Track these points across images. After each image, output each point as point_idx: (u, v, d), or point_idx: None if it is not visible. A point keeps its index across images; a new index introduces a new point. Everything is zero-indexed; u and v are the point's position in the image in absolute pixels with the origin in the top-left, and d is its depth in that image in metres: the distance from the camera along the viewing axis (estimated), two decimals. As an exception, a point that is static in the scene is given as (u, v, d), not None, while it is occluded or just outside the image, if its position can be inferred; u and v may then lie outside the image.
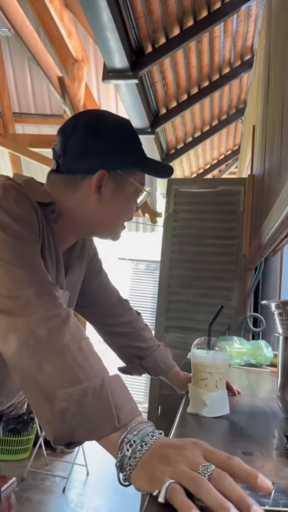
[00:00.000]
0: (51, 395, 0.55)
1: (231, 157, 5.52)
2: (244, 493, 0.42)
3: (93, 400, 0.54)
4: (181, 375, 1.16)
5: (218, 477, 0.43)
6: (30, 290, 0.64)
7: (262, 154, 2.02)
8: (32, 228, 0.74)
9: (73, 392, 0.54)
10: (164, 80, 3.31)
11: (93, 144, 0.85)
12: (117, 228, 0.94)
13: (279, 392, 0.93)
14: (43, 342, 0.59)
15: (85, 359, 0.58)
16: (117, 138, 0.87)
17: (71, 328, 0.61)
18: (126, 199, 0.90)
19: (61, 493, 2.81)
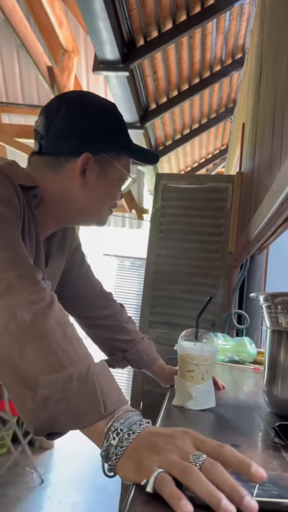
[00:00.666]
0: (33, 382, 0.51)
1: (219, 156, 5.54)
2: (236, 483, 0.40)
3: (78, 387, 0.51)
4: (165, 368, 1.14)
5: (210, 466, 0.41)
6: (11, 273, 0.60)
7: (251, 151, 2.02)
8: (14, 210, 0.71)
9: (57, 378, 0.51)
10: (155, 75, 3.29)
11: (78, 126, 0.82)
12: (102, 214, 0.91)
13: (265, 387, 0.91)
14: (25, 326, 0.55)
15: (70, 344, 0.55)
16: (104, 120, 0.84)
17: (55, 312, 0.58)
18: (111, 185, 0.87)
19: (38, 490, 2.77)
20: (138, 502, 0.40)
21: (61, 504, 2.62)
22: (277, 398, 0.87)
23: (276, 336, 0.91)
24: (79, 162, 0.81)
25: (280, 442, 0.65)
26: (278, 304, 0.89)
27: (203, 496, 0.39)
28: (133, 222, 6.09)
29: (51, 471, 3.12)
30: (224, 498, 0.38)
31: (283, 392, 0.85)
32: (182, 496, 0.39)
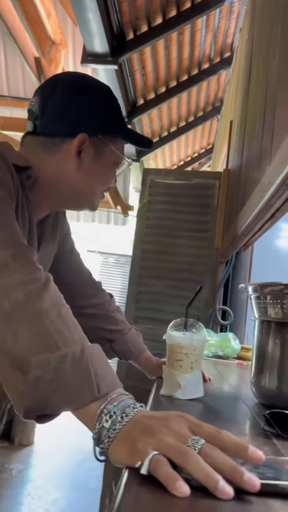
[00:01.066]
0: (25, 363, 0.50)
1: (205, 155, 5.56)
2: (235, 463, 0.39)
3: (71, 367, 0.50)
4: (152, 360, 1.13)
5: (209, 450, 0.40)
6: (6, 252, 0.59)
7: (239, 147, 2.02)
8: (8, 190, 0.69)
9: (50, 358, 0.50)
10: (144, 70, 3.28)
11: (75, 106, 0.81)
12: (94, 198, 0.89)
13: (253, 378, 0.91)
14: (20, 306, 0.54)
15: (65, 325, 0.54)
16: (100, 102, 0.83)
17: (50, 293, 0.57)
18: (106, 168, 0.86)
19: (17, 486, 2.73)
20: (132, 484, 0.39)
21: (41, 500, 2.59)
22: (265, 389, 0.86)
23: (264, 327, 0.91)
24: (74, 143, 0.80)
25: (270, 430, 0.64)
26: (267, 295, 0.89)
27: (200, 478, 0.38)
28: (118, 219, 6.07)
29: (31, 467, 3.08)
30: (221, 479, 0.38)
31: (271, 383, 0.85)
32: (178, 477, 0.38)
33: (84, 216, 6.20)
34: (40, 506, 2.51)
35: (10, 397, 0.51)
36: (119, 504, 0.35)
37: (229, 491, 0.37)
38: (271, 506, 0.38)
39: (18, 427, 3.44)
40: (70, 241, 1.08)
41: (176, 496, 0.37)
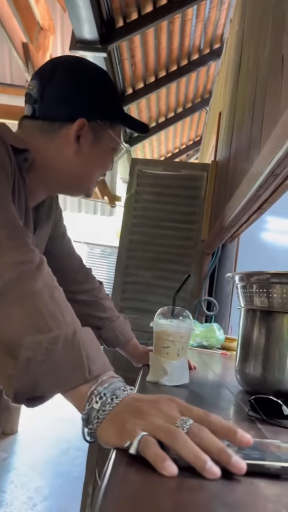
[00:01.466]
0: (17, 343, 0.49)
1: (193, 147, 5.56)
2: (224, 445, 0.40)
3: (63, 350, 0.49)
4: (139, 347, 1.14)
5: (197, 430, 0.41)
6: (0, 232, 0.58)
7: (228, 139, 2.03)
8: (5, 171, 0.68)
9: (42, 339, 0.49)
10: (133, 59, 3.24)
11: (75, 91, 0.80)
12: (91, 183, 0.89)
13: (237, 366, 0.92)
14: (12, 287, 0.53)
15: (57, 308, 0.54)
16: (99, 87, 0.83)
17: (44, 275, 0.57)
18: (104, 153, 0.86)
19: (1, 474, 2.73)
20: (120, 464, 0.39)
21: (24, 488, 2.60)
22: (249, 376, 0.88)
23: (250, 315, 0.92)
24: (73, 128, 0.80)
25: (255, 415, 0.65)
26: (253, 284, 0.90)
27: (188, 458, 0.38)
28: (105, 210, 6.04)
29: (14, 456, 3.08)
30: (209, 460, 0.38)
31: (256, 370, 0.86)
32: (166, 457, 0.38)
33: (71, 206, 6.16)
34: (23, 494, 2.52)
35: (0, 382, 0.51)
36: (106, 483, 0.35)
37: (217, 471, 0.38)
38: (256, 485, 0.38)
39: (1, 416, 3.42)
40: (63, 226, 1.08)
41: (164, 475, 0.37)
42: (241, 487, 0.38)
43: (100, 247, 7.46)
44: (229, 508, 0.33)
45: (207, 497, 0.35)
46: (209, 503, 0.33)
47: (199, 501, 0.34)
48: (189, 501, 0.33)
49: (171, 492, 0.34)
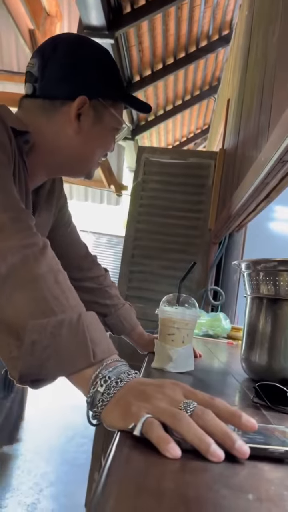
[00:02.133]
0: (21, 327, 0.49)
1: (200, 136, 5.51)
2: (228, 429, 0.40)
3: (68, 333, 0.49)
4: (144, 335, 1.14)
5: (201, 413, 0.41)
6: (4, 215, 0.57)
7: (236, 126, 2.00)
8: (7, 153, 0.68)
9: (46, 323, 0.49)
10: (140, 46, 3.20)
11: (76, 68, 0.79)
12: (92, 164, 0.88)
13: (243, 354, 0.92)
14: (16, 270, 0.53)
15: (62, 291, 0.53)
16: (101, 64, 0.81)
17: (47, 259, 0.56)
18: (105, 132, 0.85)
19: (7, 460, 2.77)
20: (124, 446, 0.39)
21: (31, 474, 2.64)
22: (255, 364, 0.87)
23: (256, 303, 0.91)
24: (74, 105, 0.79)
25: (260, 402, 0.65)
26: (260, 271, 0.90)
27: (192, 441, 0.38)
28: (111, 199, 6.02)
29: (21, 442, 3.13)
30: (213, 443, 0.38)
31: (261, 358, 0.86)
32: (170, 439, 0.38)
33: (77, 195, 6.15)
34: (29, 479, 2.56)
35: (4, 362, 0.51)
36: (110, 464, 0.35)
37: (220, 454, 0.38)
38: (259, 469, 0.38)
39: (8, 403, 3.46)
40: (67, 213, 1.07)
41: (167, 457, 0.37)
42: (245, 470, 0.38)
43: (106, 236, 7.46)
44: (232, 490, 0.33)
45: (210, 479, 0.35)
46: (212, 485, 0.33)
47: (202, 483, 0.34)
48: (192, 483, 0.33)
49: (174, 474, 0.35)
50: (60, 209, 1.03)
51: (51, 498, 2.35)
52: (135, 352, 1.17)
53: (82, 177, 0.90)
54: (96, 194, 6.21)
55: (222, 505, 0.30)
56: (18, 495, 2.32)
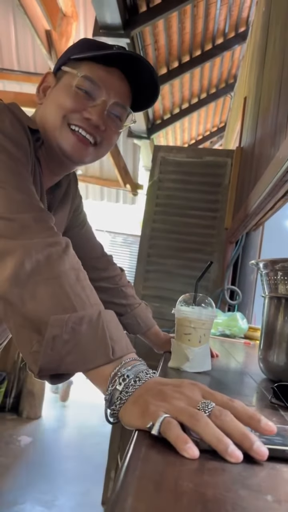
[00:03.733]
0: (43, 321, 0.50)
1: (217, 134, 5.47)
2: (246, 430, 0.39)
3: (88, 330, 0.50)
4: (160, 334, 1.14)
5: (219, 413, 0.41)
6: (28, 215, 0.59)
7: (253, 124, 1.98)
8: (26, 153, 0.69)
9: (68, 319, 0.50)
10: (156, 44, 3.20)
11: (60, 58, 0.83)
12: (58, 130, 0.78)
13: (261, 354, 0.91)
14: (40, 267, 0.54)
15: (82, 289, 0.55)
16: (80, 42, 0.84)
17: (70, 257, 0.58)
18: (60, 90, 0.79)
19: (25, 457, 2.80)
20: (142, 445, 0.39)
21: (48, 471, 2.66)
22: (273, 364, 0.87)
23: (274, 303, 0.90)
24: (39, 82, 0.83)
25: (278, 402, 0.65)
26: (278, 271, 0.89)
27: (210, 441, 0.38)
28: (127, 198, 6.03)
29: (38, 440, 3.16)
30: (231, 443, 0.38)
31: (279, 358, 0.85)
32: (188, 439, 0.38)
33: (93, 194, 6.18)
34: (47, 476, 2.58)
35: (24, 357, 0.52)
36: (128, 463, 0.35)
37: (239, 455, 0.37)
38: (278, 470, 0.38)
39: (26, 401, 3.51)
40: (82, 213, 1.07)
41: (185, 457, 0.37)
42: (263, 471, 0.37)
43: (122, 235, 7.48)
44: (251, 491, 0.33)
45: (229, 479, 0.35)
46: (230, 486, 0.33)
47: (220, 483, 0.33)
48: (210, 483, 0.33)
49: (192, 473, 0.34)
50: (75, 209, 1.03)
51: (68, 496, 2.37)
52: (151, 352, 1.17)
53: (65, 158, 0.81)
54: (112, 194, 6.23)
55: (241, 505, 0.30)
56: (36, 492, 2.35)
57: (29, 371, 0.51)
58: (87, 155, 0.81)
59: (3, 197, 0.59)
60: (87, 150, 0.80)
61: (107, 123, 0.80)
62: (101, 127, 0.78)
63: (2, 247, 0.55)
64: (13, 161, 0.64)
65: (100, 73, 0.78)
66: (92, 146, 0.81)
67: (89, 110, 0.77)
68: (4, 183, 0.60)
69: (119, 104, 0.81)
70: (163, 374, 0.81)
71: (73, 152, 0.79)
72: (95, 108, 0.77)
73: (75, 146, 0.78)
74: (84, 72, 0.77)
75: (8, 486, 2.37)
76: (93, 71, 0.78)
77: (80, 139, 0.78)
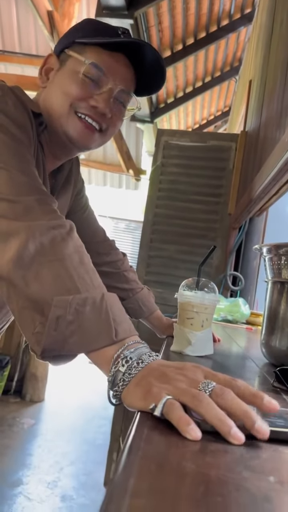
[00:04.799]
0: (46, 302, 0.50)
1: (221, 118, 5.41)
2: (248, 408, 0.39)
3: (91, 311, 0.50)
4: (163, 319, 1.14)
5: (220, 392, 0.40)
6: (31, 197, 0.58)
7: (258, 108, 1.95)
8: (28, 136, 0.68)
9: (71, 300, 0.50)
10: (160, 26, 3.14)
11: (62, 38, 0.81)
12: (65, 116, 0.78)
13: (263, 338, 0.91)
14: (44, 249, 0.54)
15: (86, 272, 0.55)
16: (83, 23, 0.82)
17: (74, 240, 0.57)
18: (69, 75, 0.78)
19: (28, 439, 2.85)
20: (144, 427, 0.39)
21: (51, 452, 2.70)
22: (275, 349, 0.86)
23: (277, 288, 0.90)
24: (41, 63, 0.81)
25: (280, 386, 0.65)
26: (282, 255, 0.88)
27: (213, 422, 0.38)
28: (129, 183, 6.00)
29: (41, 422, 3.20)
30: (233, 425, 0.38)
31: (282, 343, 0.85)
32: (191, 421, 0.38)
33: (96, 180, 6.14)
34: (50, 458, 2.62)
35: (27, 338, 0.52)
36: (130, 444, 0.35)
37: (241, 436, 0.37)
38: (281, 452, 0.38)
39: (29, 384, 3.55)
40: (84, 198, 1.07)
41: (187, 439, 0.37)
42: (266, 452, 0.37)
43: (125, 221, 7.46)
44: (253, 472, 0.33)
45: (231, 460, 0.34)
46: (233, 467, 0.33)
47: (223, 464, 0.33)
48: (212, 464, 0.33)
49: (195, 455, 0.34)
50: (77, 194, 1.03)
51: (71, 477, 2.41)
52: (153, 337, 1.18)
53: (68, 137, 0.80)
54: (115, 179, 6.19)
55: (244, 486, 0.30)
56: (39, 473, 2.39)
57: (31, 352, 0.51)
58: (93, 141, 0.82)
59: (6, 179, 0.58)
60: (93, 136, 0.81)
61: (112, 110, 0.80)
62: (107, 114, 0.79)
63: (6, 228, 0.55)
64: (16, 143, 0.63)
65: (106, 59, 0.77)
66: (98, 133, 0.81)
67: (96, 98, 0.77)
68: (7, 165, 0.60)
69: (124, 91, 0.81)
70: (165, 357, 0.82)
71: (79, 138, 0.79)
72: (102, 96, 0.77)
73: (81, 133, 0.79)
74: (90, 58, 0.76)
75: (12, 467, 2.41)
76: (99, 57, 0.77)
77: (87, 126, 0.79)
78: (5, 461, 2.49)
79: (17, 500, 2.08)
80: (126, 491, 0.27)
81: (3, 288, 0.54)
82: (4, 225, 0.55)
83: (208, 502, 0.27)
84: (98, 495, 2.23)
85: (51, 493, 2.19)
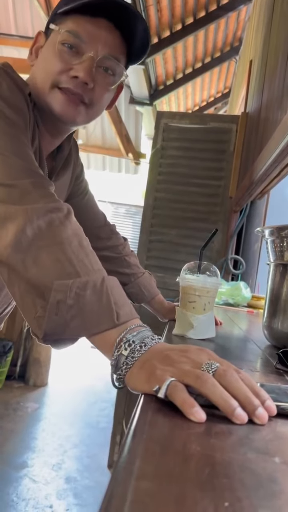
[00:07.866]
0: (47, 287, 0.50)
1: (221, 100, 5.33)
2: (251, 394, 0.39)
3: (92, 295, 0.50)
4: (164, 303, 1.14)
5: (223, 373, 0.40)
6: (27, 181, 0.57)
7: (259, 88, 1.92)
8: (24, 118, 0.67)
9: (72, 284, 0.50)
10: (159, 5, 3.07)
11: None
12: (49, 92, 0.75)
13: (265, 321, 0.91)
14: (42, 233, 0.53)
15: (86, 255, 0.54)
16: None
17: (72, 223, 0.57)
18: (49, 49, 0.75)
19: (32, 423, 2.88)
20: (148, 409, 0.39)
21: (55, 436, 2.74)
22: (278, 331, 0.87)
23: (279, 270, 0.89)
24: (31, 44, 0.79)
25: (283, 368, 0.65)
26: (284, 238, 0.87)
27: (217, 403, 0.38)
28: (129, 167, 5.95)
29: (45, 406, 3.24)
30: (238, 406, 0.38)
31: (284, 325, 0.85)
32: (195, 403, 0.38)
33: (95, 164, 6.09)
34: (54, 441, 2.66)
35: (28, 322, 0.52)
36: (135, 426, 0.35)
37: (245, 417, 0.38)
38: (285, 433, 0.38)
39: (32, 369, 3.58)
40: (84, 182, 1.05)
41: (192, 421, 0.37)
42: (270, 434, 0.37)
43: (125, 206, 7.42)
44: (258, 453, 0.33)
45: (236, 442, 0.34)
46: (238, 448, 0.33)
47: (227, 446, 0.33)
48: (217, 446, 0.33)
49: (199, 436, 0.34)
50: (76, 178, 1.01)
51: (75, 459, 2.44)
52: (155, 322, 1.18)
53: (60, 119, 0.78)
54: (114, 163, 6.14)
55: (249, 467, 0.30)
56: (44, 456, 2.43)
57: (33, 336, 0.51)
58: (77, 114, 0.77)
59: (2, 163, 0.58)
60: (77, 109, 0.76)
61: (96, 80, 0.76)
62: (89, 84, 0.74)
63: (3, 212, 0.54)
64: (11, 127, 0.62)
65: (86, 25, 0.73)
66: (83, 105, 0.77)
67: (76, 67, 0.73)
68: (2, 148, 0.59)
69: (108, 58, 0.75)
70: (168, 341, 0.82)
71: (63, 112, 0.76)
72: (82, 65, 0.73)
73: (64, 106, 0.75)
74: (67, 27, 0.73)
75: (17, 450, 2.45)
76: (79, 24, 0.73)
77: (70, 99, 0.75)
78: (10, 445, 2.53)
79: (22, 482, 2.12)
80: (131, 473, 0.27)
81: (4, 273, 0.54)
82: (1, 209, 0.55)
83: (213, 484, 0.27)
84: (101, 477, 2.27)
85: (56, 475, 2.23)
